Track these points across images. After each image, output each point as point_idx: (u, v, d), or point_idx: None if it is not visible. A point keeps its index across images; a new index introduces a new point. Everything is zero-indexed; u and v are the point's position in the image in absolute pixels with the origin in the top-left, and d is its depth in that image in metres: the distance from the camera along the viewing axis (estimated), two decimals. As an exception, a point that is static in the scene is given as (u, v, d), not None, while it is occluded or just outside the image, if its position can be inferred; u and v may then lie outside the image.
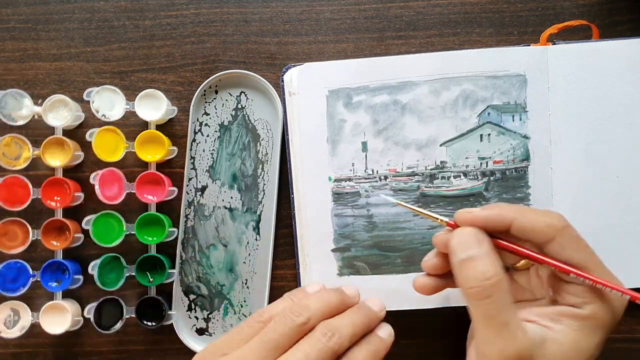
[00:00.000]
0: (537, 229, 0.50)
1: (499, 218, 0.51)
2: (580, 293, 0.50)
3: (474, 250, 0.50)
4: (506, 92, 0.62)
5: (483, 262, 0.50)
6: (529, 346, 0.48)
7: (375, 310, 0.59)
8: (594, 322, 0.50)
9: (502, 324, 0.48)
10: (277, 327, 0.54)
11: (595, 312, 0.50)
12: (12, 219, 0.65)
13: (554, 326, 0.50)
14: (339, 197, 0.63)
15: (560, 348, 0.49)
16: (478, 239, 0.51)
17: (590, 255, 0.50)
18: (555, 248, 0.50)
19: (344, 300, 0.58)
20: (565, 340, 0.50)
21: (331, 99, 0.63)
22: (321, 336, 0.53)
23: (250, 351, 0.54)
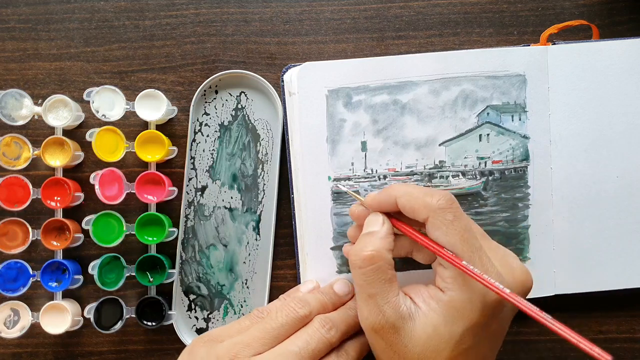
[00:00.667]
0: (415, 208, 0.53)
1: (388, 197, 0.55)
2: (446, 277, 0.52)
3: (375, 227, 0.55)
4: (506, 92, 0.62)
5: (373, 238, 0.54)
6: (394, 320, 0.51)
7: None
8: (453, 311, 0.51)
9: (370, 295, 0.53)
10: (278, 317, 0.57)
11: (453, 299, 0.51)
12: (12, 219, 0.65)
13: (422, 306, 0.52)
14: (339, 196, 0.63)
15: (423, 328, 0.51)
16: (381, 221, 0.55)
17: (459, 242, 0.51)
18: (429, 228, 0.53)
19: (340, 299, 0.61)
20: (427, 321, 0.51)
21: (331, 99, 0.63)
22: (320, 327, 0.56)
23: (250, 337, 0.55)
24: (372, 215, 0.57)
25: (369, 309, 0.52)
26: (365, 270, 0.52)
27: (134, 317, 0.65)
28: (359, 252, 0.53)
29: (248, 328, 0.57)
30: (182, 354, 0.57)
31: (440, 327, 0.51)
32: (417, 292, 0.54)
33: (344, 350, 0.58)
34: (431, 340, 0.51)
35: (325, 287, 0.63)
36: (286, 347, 0.54)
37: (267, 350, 0.54)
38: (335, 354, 0.57)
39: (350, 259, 0.54)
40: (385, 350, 0.53)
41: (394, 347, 0.52)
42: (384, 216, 0.56)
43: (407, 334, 0.52)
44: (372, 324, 0.52)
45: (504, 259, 0.55)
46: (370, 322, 0.52)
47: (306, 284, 0.63)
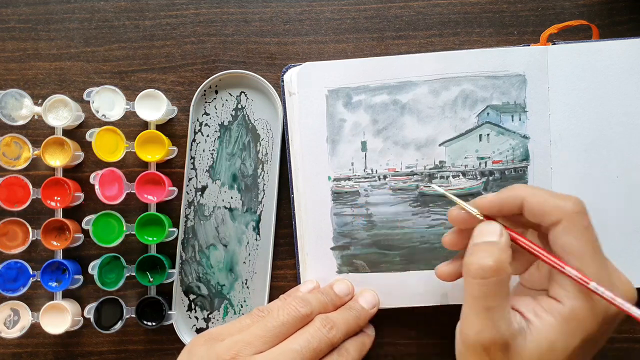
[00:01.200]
0: (545, 210, 0.50)
1: (511, 198, 0.51)
2: (566, 285, 0.49)
3: (492, 237, 0.51)
4: (506, 92, 0.62)
5: (494, 248, 0.50)
6: (508, 336, 0.48)
7: (367, 308, 0.61)
8: (572, 323, 0.48)
9: (487, 308, 0.48)
10: (279, 316, 0.56)
11: (574, 309, 0.48)
12: (12, 219, 0.65)
13: (534, 321, 0.49)
14: (339, 196, 0.63)
15: (537, 345, 0.49)
16: (499, 232, 0.51)
17: (590, 251, 0.48)
18: (558, 231, 0.49)
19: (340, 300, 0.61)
20: (542, 337, 0.49)
21: (331, 99, 0.63)
22: (321, 327, 0.56)
23: (251, 335, 0.55)
24: (487, 224, 0.52)
25: (484, 323, 0.49)
26: (488, 281, 0.49)
27: (134, 317, 0.65)
28: (480, 262, 0.49)
29: (249, 327, 0.57)
30: (181, 353, 0.57)
31: (557, 342, 0.48)
32: (526, 306, 0.51)
33: (345, 349, 0.58)
34: (544, 356, 0.48)
35: (326, 287, 0.63)
36: (288, 346, 0.55)
37: (269, 349, 0.54)
38: (337, 352, 0.57)
39: (469, 268, 0.50)
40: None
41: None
42: (501, 226, 0.51)
43: (517, 351, 0.49)
44: (485, 340, 0.48)
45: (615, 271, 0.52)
46: (482, 338, 0.49)
47: (306, 284, 0.63)
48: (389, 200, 0.63)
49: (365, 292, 0.63)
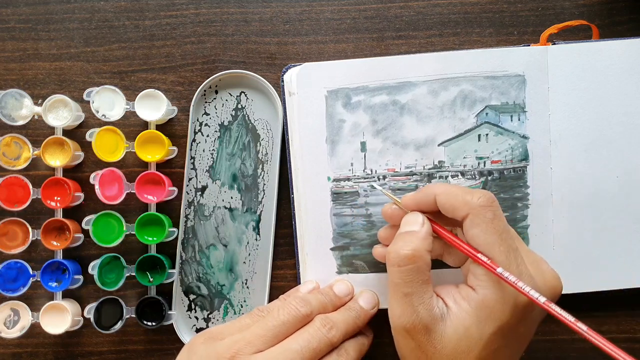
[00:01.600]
0: (455, 206, 0.53)
1: (426, 195, 0.55)
2: (479, 275, 0.52)
3: (414, 227, 0.55)
4: (504, 93, 0.62)
5: (413, 237, 0.54)
6: (427, 321, 0.51)
7: (367, 308, 0.62)
8: (485, 310, 0.51)
9: (405, 294, 0.52)
10: (280, 315, 0.57)
11: (486, 297, 0.51)
12: (12, 219, 0.65)
13: (453, 307, 0.53)
14: (338, 196, 0.63)
15: (454, 329, 0.52)
16: (421, 222, 0.55)
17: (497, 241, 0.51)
18: (468, 225, 0.52)
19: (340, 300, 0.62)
20: (459, 323, 0.51)
21: (330, 99, 0.63)
22: (321, 326, 0.56)
23: (251, 334, 0.55)
24: (412, 214, 0.56)
25: (403, 308, 0.52)
26: (404, 269, 0.52)
27: (134, 317, 0.66)
28: (398, 250, 0.53)
29: (249, 326, 0.57)
30: (181, 351, 0.58)
31: (471, 328, 0.51)
32: (447, 293, 0.54)
33: (345, 349, 0.58)
34: (461, 341, 0.51)
35: (325, 287, 0.63)
36: (288, 345, 0.55)
37: (269, 348, 0.55)
38: (336, 353, 0.57)
39: (388, 257, 0.54)
40: (413, 350, 0.53)
41: (423, 348, 0.52)
42: (424, 216, 0.56)
43: (438, 335, 0.52)
44: (405, 323, 0.52)
45: (535, 263, 0.55)
46: (403, 322, 0.52)
47: (306, 285, 0.63)
48: (389, 201, 0.63)
49: (365, 293, 0.63)
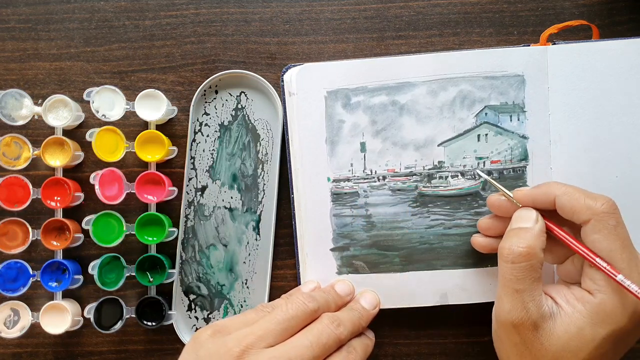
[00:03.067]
0: (575, 209, 0.53)
1: (544, 194, 0.55)
2: (597, 280, 0.52)
3: (528, 224, 0.55)
4: (504, 93, 0.62)
5: (528, 234, 0.54)
6: (536, 317, 0.52)
7: (368, 309, 0.62)
8: (602, 314, 0.51)
9: (517, 291, 0.52)
10: (288, 310, 0.56)
11: (604, 303, 0.51)
12: (12, 219, 0.65)
13: (565, 307, 0.53)
14: (338, 197, 0.64)
15: (565, 329, 0.52)
16: (535, 219, 0.55)
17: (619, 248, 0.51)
18: (588, 230, 0.52)
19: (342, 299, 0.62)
20: (571, 322, 0.52)
21: (330, 100, 0.63)
22: (329, 323, 0.56)
23: (260, 328, 0.55)
24: (525, 210, 0.56)
25: (513, 304, 0.52)
26: (517, 266, 0.52)
27: (134, 317, 0.66)
28: (512, 247, 0.53)
29: (255, 321, 0.56)
30: (186, 346, 0.56)
31: (585, 329, 0.51)
32: (558, 292, 0.54)
33: (353, 347, 0.58)
34: (572, 341, 0.51)
35: (327, 287, 0.63)
36: (298, 340, 0.54)
37: (279, 343, 0.54)
38: (345, 349, 0.57)
39: (502, 252, 0.54)
40: (517, 346, 0.53)
41: (528, 344, 0.52)
42: (537, 213, 0.56)
43: (546, 332, 0.52)
44: (514, 319, 0.52)
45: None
46: (512, 317, 0.52)
47: (307, 284, 0.63)
48: (389, 201, 0.63)
49: (366, 293, 0.63)
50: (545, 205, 0.55)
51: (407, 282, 0.64)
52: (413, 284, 0.64)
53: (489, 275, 0.63)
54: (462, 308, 0.64)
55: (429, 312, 0.64)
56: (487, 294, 0.63)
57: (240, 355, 0.52)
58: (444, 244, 0.63)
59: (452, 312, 0.65)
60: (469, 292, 0.64)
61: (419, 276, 0.64)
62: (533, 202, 0.56)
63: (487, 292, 0.63)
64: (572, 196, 0.53)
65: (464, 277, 0.63)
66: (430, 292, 0.64)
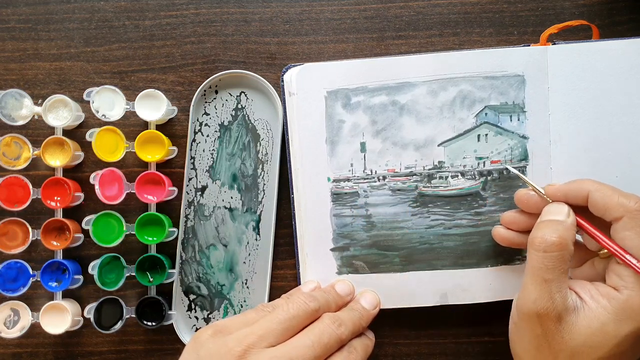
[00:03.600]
0: (608, 206, 0.53)
1: (577, 190, 0.56)
2: (625, 277, 0.52)
3: (560, 217, 0.55)
4: (504, 93, 0.62)
5: (560, 226, 0.54)
6: (561, 309, 0.52)
7: (369, 309, 0.62)
8: (627, 311, 0.51)
9: (545, 280, 0.52)
10: (289, 309, 0.56)
11: (630, 299, 0.51)
12: (12, 219, 0.65)
13: (589, 302, 0.53)
14: (338, 197, 0.64)
15: (588, 324, 0.52)
16: (567, 213, 0.55)
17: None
18: (620, 228, 0.52)
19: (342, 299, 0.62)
20: (595, 318, 0.52)
21: (330, 100, 0.63)
22: (330, 323, 0.56)
23: (261, 328, 0.55)
24: (557, 204, 0.56)
25: (540, 293, 0.52)
26: (549, 255, 0.52)
27: (134, 317, 0.66)
28: (545, 236, 0.53)
29: (255, 320, 0.56)
30: (187, 346, 0.56)
31: (608, 325, 0.51)
32: (582, 287, 0.54)
33: (354, 347, 0.58)
34: (594, 336, 0.51)
35: (327, 287, 0.63)
36: (299, 340, 0.55)
37: (280, 343, 0.54)
38: (346, 350, 0.57)
39: (533, 241, 0.54)
40: (537, 338, 0.53)
41: (548, 336, 0.53)
42: (569, 208, 0.56)
43: (568, 325, 0.52)
44: (539, 308, 0.52)
45: None
46: (538, 307, 0.52)
47: (307, 284, 0.63)
48: (389, 201, 0.63)
49: (366, 293, 0.63)
50: (577, 201, 0.56)
51: (407, 282, 0.64)
52: (413, 284, 0.64)
53: (489, 276, 0.63)
54: (462, 308, 0.64)
55: (429, 312, 0.64)
56: (487, 294, 0.64)
57: (242, 355, 0.52)
58: (444, 244, 0.63)
59: (452, 312, 0.65)
60: (469, 292, 0.64)
61: (419, 276, 0.64)
62: (565, 198, 0.56)
63: (487, 292, 0.64)
64: (605, 193, 0.53)
65: (464, 277, 0.63)
66: (430, 292, 0.64)
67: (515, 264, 0.63)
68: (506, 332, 0.59)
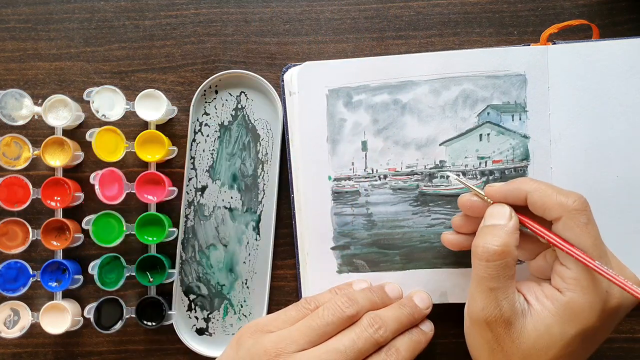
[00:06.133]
0: (547, 205, 0.52)
1: (516, 190, 0.54)
2: (567, 278, 0.51)
3: (501, 221, 0.54)
4: (506, 92, 0.62)
5: (502, 232, 0.53)
6: (509, 315, 0.52)
7: (421, 307, 0.62)
8: (570, 313, 0.51)
9: (491, 289, 0.52)
10: (325, 315, 0.57)
11: (572, 301, 0.51)
12: (12, 219, 0.65)
13: (535, 305, 0.52)
14: (339, 196, 0.64)
15: (535, 327, 0.52)
16: (508, 215, 0.54)
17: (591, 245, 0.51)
18: (560, 228, 0.52)
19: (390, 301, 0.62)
20: (540, 320, 0.52)
21: (331, 98, 0.63)
22: (368, 326, 0.57)
23: (296, 332, 0.56)
24: (498, 206, 0.55)
25: (487, 301, 0.52)
26: (492, 264, 0.52)
27: (134, 317, 0.65)
28: (487, 245, 0.52)
29: (295, 319, 0.58)
30: (231, 341, 0.59)
31: (553, 327, 0.51)
32: (529, 290, 0.54)
33: (395, 348, 0.58)
34: (541, 338, 0.51)
35: (376, 286, 0.63)
36: (332, 345, 0.55)
37: (313, 347, 0.55)
38: (385, 352, 0.57)
39: (475, 251, 0.53)
40: (489, 342, 0.53)
41: (500, 341, 0.52)
42: (511, 209, 0.54)
43: (517, 329, 0.52)
44: (487, 316, 0.52)
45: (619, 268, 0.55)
46: (485, 315, 0.52)
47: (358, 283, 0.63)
48: (389, 200, 0.63)
49: (419, 292, 0.63)
50: (517, 202, 0.55)
51: (407, 280, 0.64)
52: (413, 283, 0.64)
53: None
54: (462, 307, 0.64)
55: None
56: (487, 293, 0.64)
57: (275, 357, 0.54)
58: (444, 243, 0.63)
59: (452, 312, 0.65)
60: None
61: (419, 275, 0.64)
62: (504, 199, 0.55)
63: (487, 291, 0.64)
64: (543, 192, 0.53)
65: (464, 276, 0.63)
66: (430, 290, 0.64)
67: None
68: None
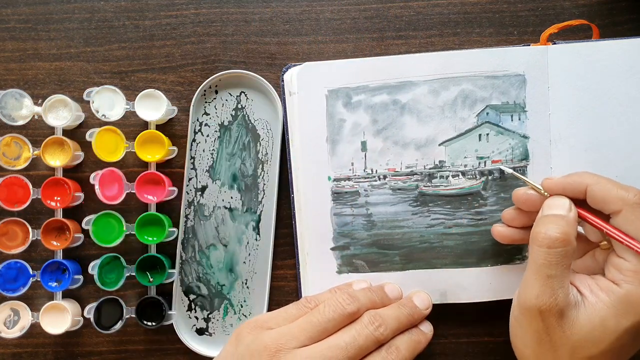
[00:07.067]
0: (607, 199, 0.53)
1: (576, 183, 0.55)
2: (625, 270, 0.52)
3: (562, 211, 0.54)
4: (505, 92, 0.62)
5: (562, 221, 0.53)
6: (563, 305, 0.51)
7: (421, 308, 0.62)
8: (626, 305, 0.51)
9: (548, 276, 0.52)
10: (326, 312, 0.57)
11: (630, 293, 0.51)
12: (12, 219, 0.65)
13: (589, 297, 0.53)
14: (339, 196, 0.64)
15: (588, 319, 0.52)
16: (568, 207, 0.54)
17: None
18: (620, 221, 0.52)
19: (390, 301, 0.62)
20: (594, 313, 0.51)
21: (331, 99, 0.63)
22: (369, 324, 0.57)
23: (297, 328, 0.56)
24: (558, 198, 0.56)
25: (543, 289, 0.52)
26: (553, 251, 0.52)
27: (134, 317, 0.65)
28: (548, 232, 0.52)
29: (295, 317, 0.58)
30: (230, 338, 0.58)
31: (608, 320, 0.51)
32: (582, 282, 0.54)
33: (395, 346, 0.58)
34: (595, 331, 0.51)
35: (376, 286, 0.63)
36: (333, 342, 0.55)
37: (314, 343, 0.55)
38: (385, 349, 0.57)
39: (536, 237, 0.53)
40: (538, 332, 0.53)
41: (550, 331, 0.52)
42: (570, 202, 0.55)
43: (569, 320, 0.52)
44: (541, 304, 0.52)
45: None
46: (540, 302, 0.52)
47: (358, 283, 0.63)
48: (389, 200, 0.63)
49: (419, 292, 0.63)
50: (575, 195, 0.55)
51: (407, 280, 0.64)
52: (412, 283, 0.64)
53: (489, 275, 0.63)
54: (462, 307, 0.64)
55: (429, 311, 0.65)
56: (486, 293, 0.64)
57: (275, 353, 0.54)
58: (444, 243, 0.63)
59: (452, 312, 0.65)
60: (469, 292, 0.64)
61: (419, 275, 0.64)
62: (562, 191, 0.56)
63: (487, 291, 0.64)
64: (604, 186, 0.53)
65: (464, 276, 0.63)
66: (429, 290, 0.64)
67: (515, 264, 0.63)
68: (506, 333, 0.59)
